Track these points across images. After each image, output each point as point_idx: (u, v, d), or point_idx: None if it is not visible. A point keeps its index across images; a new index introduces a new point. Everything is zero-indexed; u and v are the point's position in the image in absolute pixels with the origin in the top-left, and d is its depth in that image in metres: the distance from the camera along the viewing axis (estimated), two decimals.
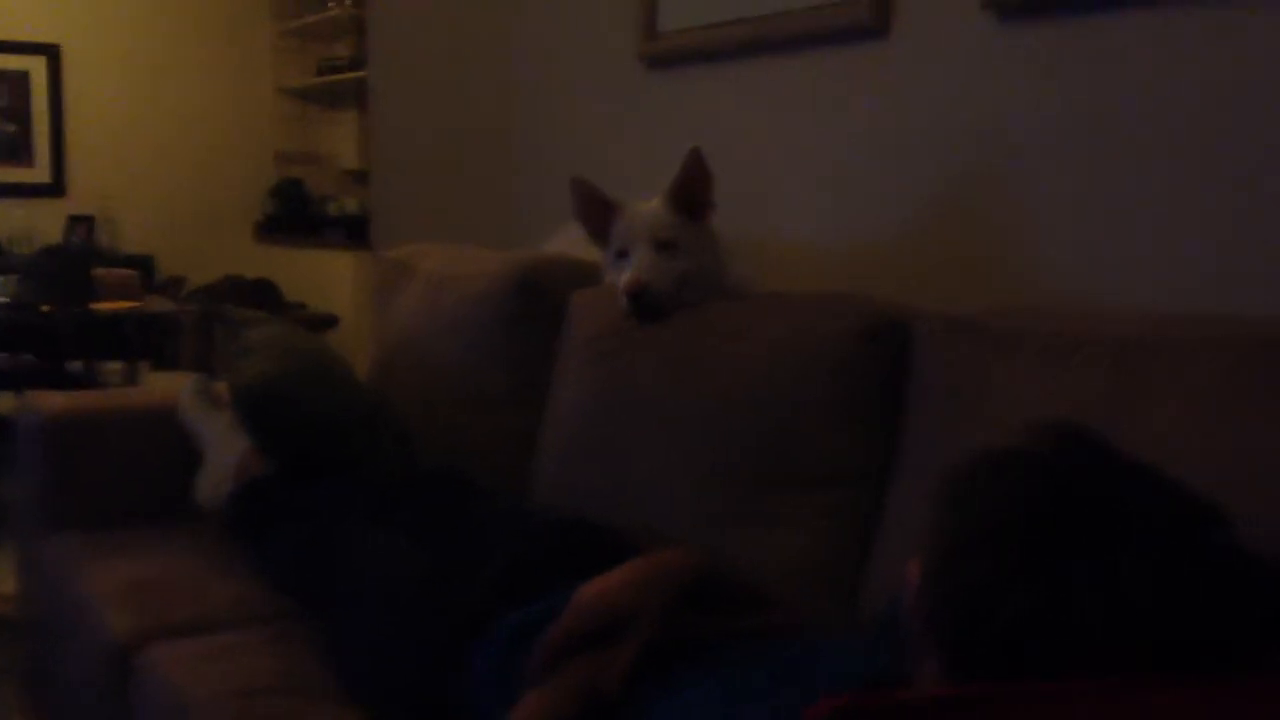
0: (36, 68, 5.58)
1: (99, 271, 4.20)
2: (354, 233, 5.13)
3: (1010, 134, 1.77)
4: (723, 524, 1.63)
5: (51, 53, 5.58)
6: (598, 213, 1.93)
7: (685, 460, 1.71)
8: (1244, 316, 1.34)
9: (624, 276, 1.84)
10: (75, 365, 4.42)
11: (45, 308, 3.95)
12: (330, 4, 5.50)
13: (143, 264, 5.10)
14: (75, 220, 5.49)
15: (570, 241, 2.22)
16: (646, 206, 1.89)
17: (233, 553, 1.98)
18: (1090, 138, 1.66)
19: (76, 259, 4.62)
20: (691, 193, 1.86)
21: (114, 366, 4.41)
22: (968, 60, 1.82)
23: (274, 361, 2.14)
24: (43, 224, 5.42)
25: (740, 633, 1.22)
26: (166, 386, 3.30)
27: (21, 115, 5.60)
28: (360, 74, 4.75)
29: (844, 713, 0.80)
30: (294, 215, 5.81)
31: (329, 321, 4.85)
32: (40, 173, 5.64)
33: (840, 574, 1.54)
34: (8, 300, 3.97)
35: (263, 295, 4.90)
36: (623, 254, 1.88)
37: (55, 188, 5.64)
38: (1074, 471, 0.89)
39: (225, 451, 2.10)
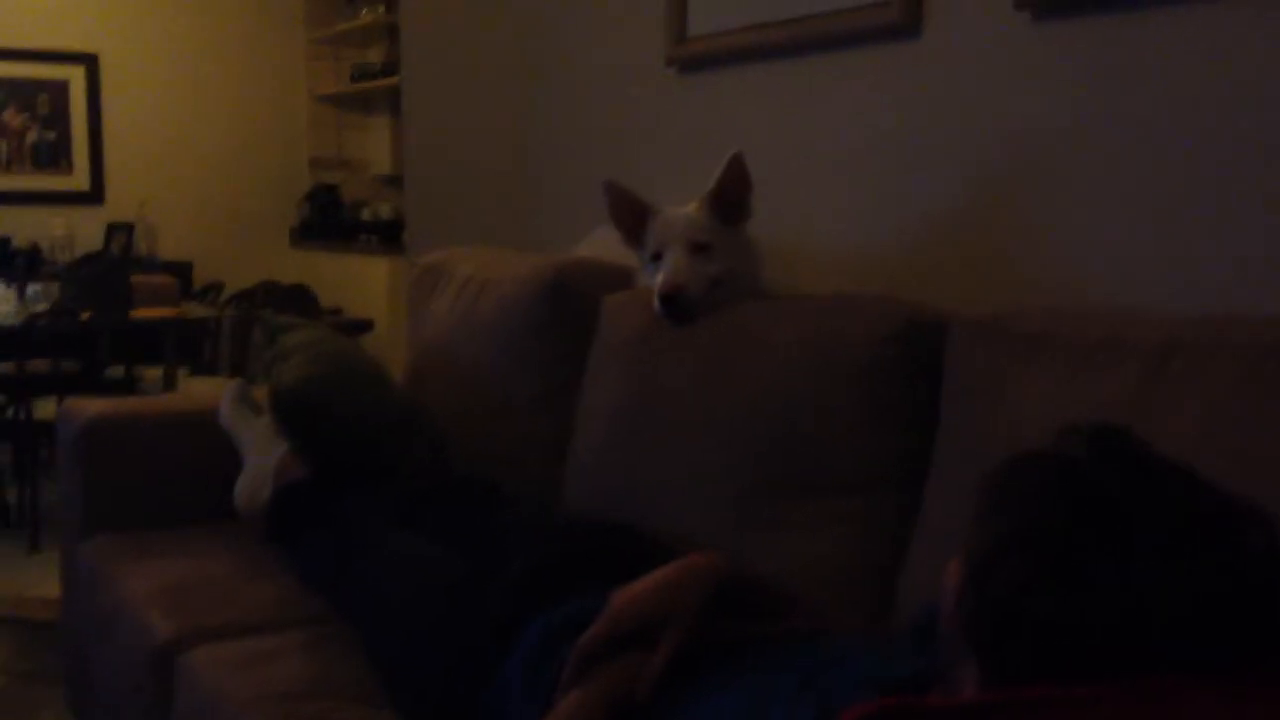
0: (76, 77, 5.66)
1: (137, 278, 4.25)
2: (388, 237, 5.17)
3: (1043, 134, 1.76)
4: (754, 527, 1.63)
5: (90, 62, 5.66)
6: (631, 215, 1.94)
7: (716, 464, 1.71)
8: (1272, 317, 1.32)
9: (659, 279, 1.84)
10: (115, 371, 4.48)
11: (85, 315, 4.00)
12: (363, 11, 5.54)
13: (180, 270, 5.16)
14: (115, 228, 5.56)
15: (603, 245, 2.23)
16: (682, 210, 1.89)
17: (270, 556, 2.00)
18: (1124, 138, 1.65)
19: (115, 266, 4.68)
20: (730, 197, 1.87)
21: (153, 372, 4.47)
22: (1000, 60, 1.81)
23: (312, 366, 2.15)
24: (82, 231, 5.49)
25: (768, 637, 1.22)
26: (204, 392, 3.34)
27: (61, 124, 5.67)
28: (393, 80, 4.79)
29: (878, 718, 0.80)
30: (329, 221, 5.86)
31: (364, 326, 4.88)
32: (79, 180, 5.72)
33: (873, 579, 1.53)
34: (48, 307, 4.02)
35: (299, 300, 4.93)
36: (657, 256, 1.88)
37: (94, 195, 5.72)
38: (1109, 474, 0.88)
39: (264, 456, 2.11)
